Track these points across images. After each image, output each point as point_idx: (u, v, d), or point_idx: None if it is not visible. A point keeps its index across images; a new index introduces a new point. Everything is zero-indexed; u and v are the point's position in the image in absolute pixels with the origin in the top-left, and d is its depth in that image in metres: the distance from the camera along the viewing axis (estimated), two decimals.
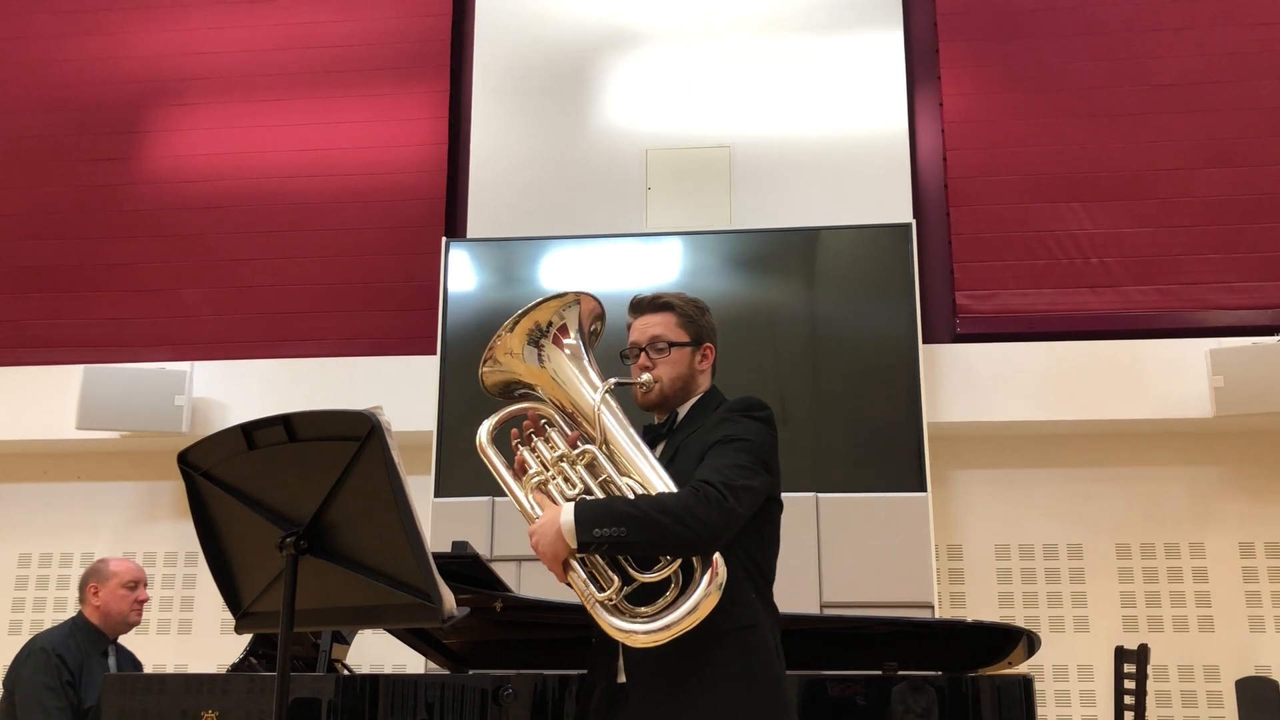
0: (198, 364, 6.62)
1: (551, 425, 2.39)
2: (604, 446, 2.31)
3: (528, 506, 2.30)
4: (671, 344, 2.51)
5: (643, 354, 2.52)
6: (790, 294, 5.98)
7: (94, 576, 4.25)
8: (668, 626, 2.12)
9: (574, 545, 2.14)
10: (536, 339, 2.42)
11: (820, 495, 5.62)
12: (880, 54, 6.62)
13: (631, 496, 2.23)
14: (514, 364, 2.42)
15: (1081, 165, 6.46)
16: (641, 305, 2.58)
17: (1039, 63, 6.62)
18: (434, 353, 6.15)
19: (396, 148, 6.94)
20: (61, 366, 6.67)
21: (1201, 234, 6.32)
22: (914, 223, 6.10)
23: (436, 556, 2.02)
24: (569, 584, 2.21)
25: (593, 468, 2.31)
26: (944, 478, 6.36)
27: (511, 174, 6.69)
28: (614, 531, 2.12)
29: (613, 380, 2.38)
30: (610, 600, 2.16)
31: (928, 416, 5.79)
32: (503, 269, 6.19)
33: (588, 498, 2.26)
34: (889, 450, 5.71)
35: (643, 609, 2.17)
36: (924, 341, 5.91)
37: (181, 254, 6.95)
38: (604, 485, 2.28)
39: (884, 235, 6.03)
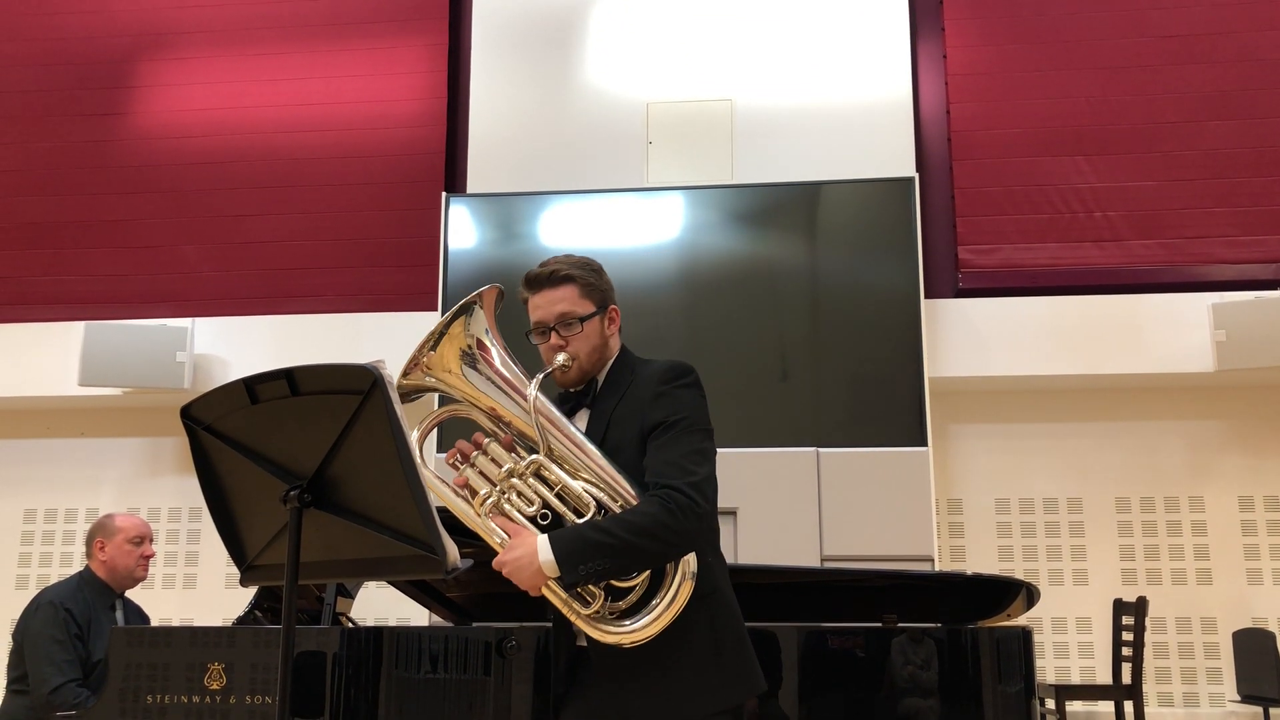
0: (199, 320, 6.61)
1: (487, 435, 2.34)
2: (546, 449, 2.27)
3: (486, 534, 2.25)
4: (581, 318, 2.41)
5: (552, 332, 2.41)
6: (792, 249, 5.97)
7: (100, 531, 4.27)
8: (650, 624, 2.15)
9: (556, 578, 2.14)
10: (471, 361, 2.35)
11: (821, 450, 5.64)
12: (884, 6, 6.55)
13: (591, 504, 2.21)
14: (450, 379, 2.35)
15: (1085, 118, 6.42)
16: (539, 280, 2.44)
17: (1043, 15, 6.56)
18: (435, 308, 6.14)
19: (395, 102, 6.89)
20: (63, 323, 6.68)
21: (1204, 188, 6.29)
22: (916, 177, 6.07)
23: (440, 510, 2.03)
24: (544, 597, 2.21)
25: (542, 476, 2.27)
26: (945, 432, 6.37)
27: (512, 128, 6.65)
28: (598, 566, 2.12)
29: (538, 375, 2.31)
30: (596, 614, 2.18)
31: (929, 371, 5.79)
32: (503, 224, 6.17)
33: (553, 518, 2.23)
34: (890, 405, 5.72)
35: (620, 605, 2.19)
36: (926, 296, 5.90)
37: (181, 210, 6.93)
38: (560, 495, 2.25)
39: (886, 190, 6.00)
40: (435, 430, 2.42)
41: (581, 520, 2.21)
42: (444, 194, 6.28)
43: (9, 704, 3.99)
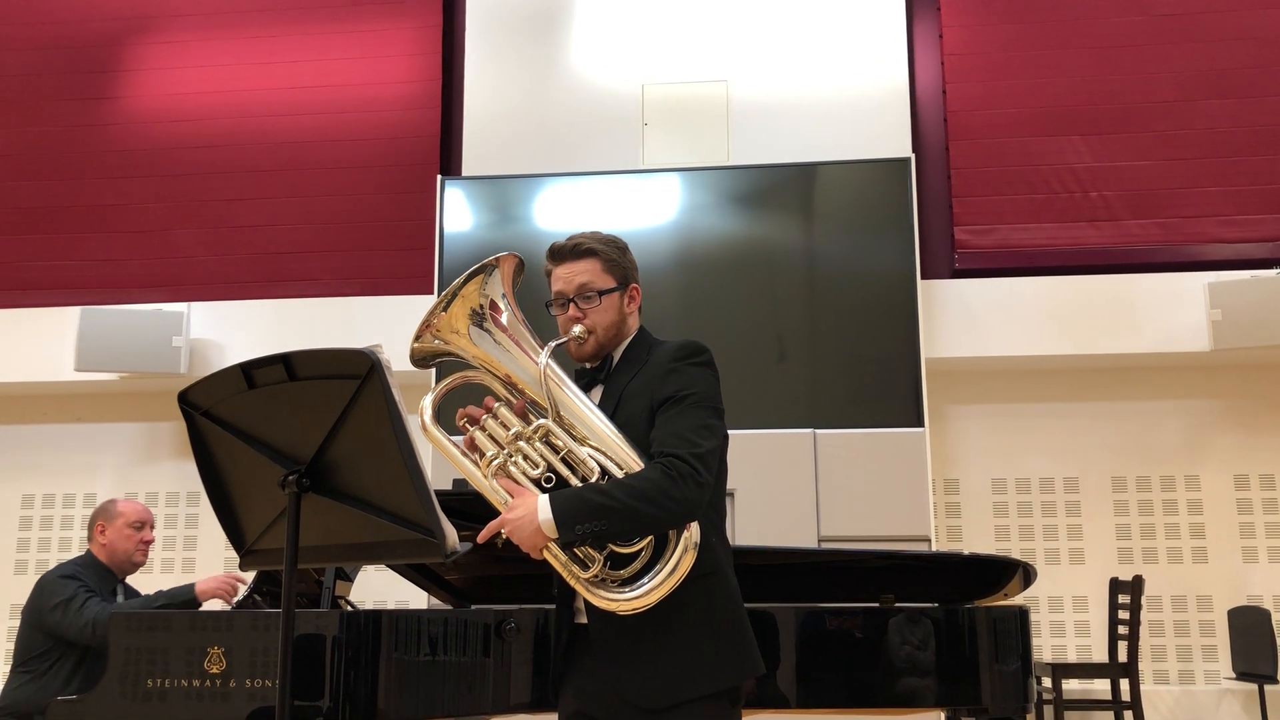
0: (194, 305, 6.61)
1: (498, 399, 2.35)
2: (555, 415, 2.28)
3: (491, 492, 2.27)
4: (601, 292, 2.43)
5: (571, 304, 2.44)
6: (788, 230, 5.96)
7: (101, 515, 4.30)
8: (650, 591, 2.15)
9: (555, 539, 2.15)
10: (479, 320, 2.36)
11: (818, 431, 5.65)
12: None
13: (596, 469, 2.22)
14: (459, 341, 2.36)
15: (1081, 98, 6.40)
16: (563, 253, 2.47)
17: None
18: (431, 292, 6.14)
19: (390, 84, 6.87)
20: (58, 309, 6.66)
21: (1201, 167, 6.29)
22: (913, 157, 6.06)
23: (438, 493, 2.03)
24: (544, 560, 2.21)
25: (550, 441, 2.28)
26: (941, 413, 6.38)
27: (506, 110, 6.62)
28: (595, 526, 2.13)
29: (552, 343, 2.32)
30: (595, 577, 2.18)
31: (925, 352, 5.79)
32: (499, 207, 6.16)
33: (557, 481, 2.23)
34: (887, 386, 5.73)
35: (622, 573, 2.18)
36: (922, 277, 5.90)
37: (175, 194, 6.91)
38: (566, 459, 2.25)
39: (882, 170, 5.99)
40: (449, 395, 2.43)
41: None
42: (439, 177, 6.26)
43: (14, 688, 4.01)
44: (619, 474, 2.22)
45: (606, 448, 2.25)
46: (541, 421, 2.29)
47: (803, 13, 6.55)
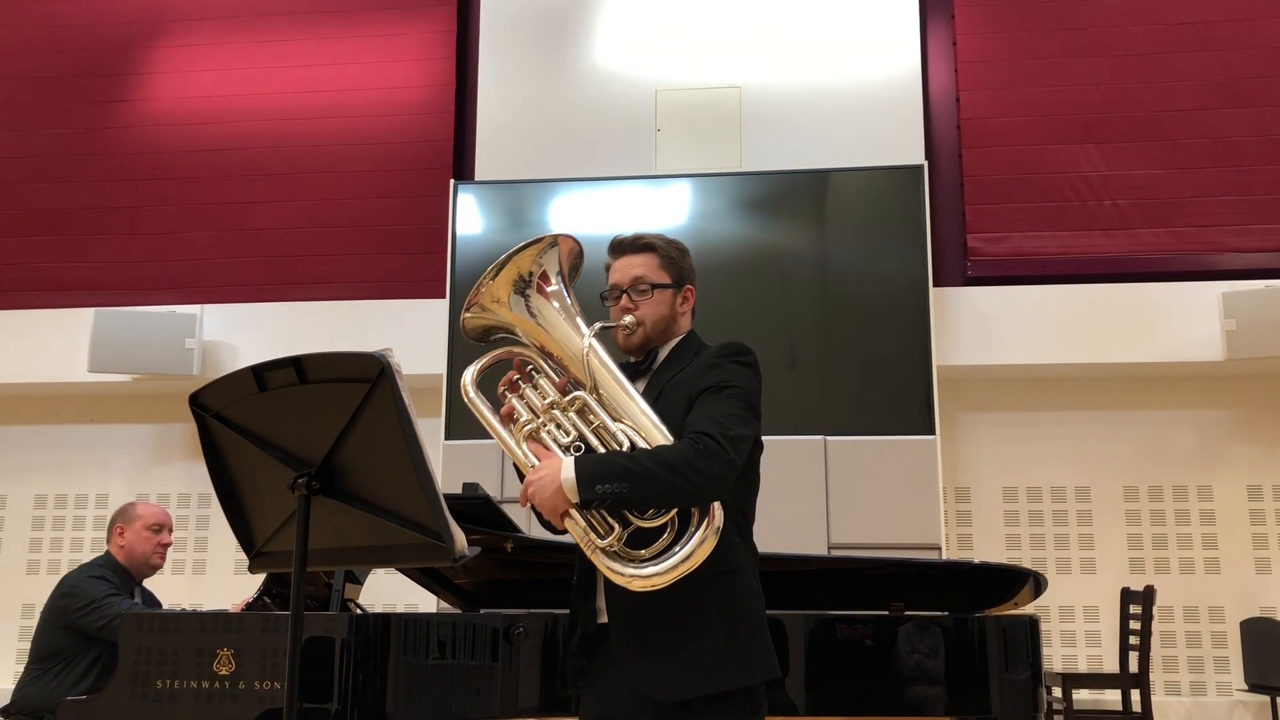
0: (208, 307, 6.63)
1: (539, 371, 2.37)
2: (594, 391, 2.29)
3: (520, 455, 2.29)
4: (654, 285, 2.47)
5: (624, 295, 2.47)
6: (800, 237, 5.96)
7: (121, 517, 4.34)
8: (667, 570, 2.13)
9: (575, 500, 2.14)
10: (522, 288, 2.38)
11: (829, 438, 5.64)
12: None
13: (625, 443, 2.22)
14: (500, 311, 2.38)
15: (1095, 106, 6.39)
16: (622, 246, 2.52)
17: (1053, 1, 6.53)
18: (443, 296, 6.15)
19: (403, 89, 6.88)
20: (72, 310, 6.70)
21: (1214, 175, 6.26)
22: (926, 165, 6.05)
23: (448, 497, 2.03)
24: (565, 529, 2.22)
25: (584, 413, 2.29)
26: (952, 421, 6.37)
27: (519, 115, 6.64)
28: (616, 488, 2.12)
29: (598, 324, 2.35)
30: (610, 547, 2.17)
31: (937, 359, 5.78)
32: (511, 212, 6.17)
33: (585, 450, 2.24)
34: (898, 393, 5.72)
35: (641, 552, 2.17)
36: (934, 284, 5.89)
37: (189, 197, 6.93)
38: (597, 431, 2.26)
39: (895, 177, 5.98)
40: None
41: None
42: (452, 181, 6.28)
43: (26, 684, 4.03)
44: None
45: (639, 426, 2.25)
46: (578, 393, 2.30)
47: (816, 19, 6.54)
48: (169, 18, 7.17)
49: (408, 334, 6.25)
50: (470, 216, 6.18)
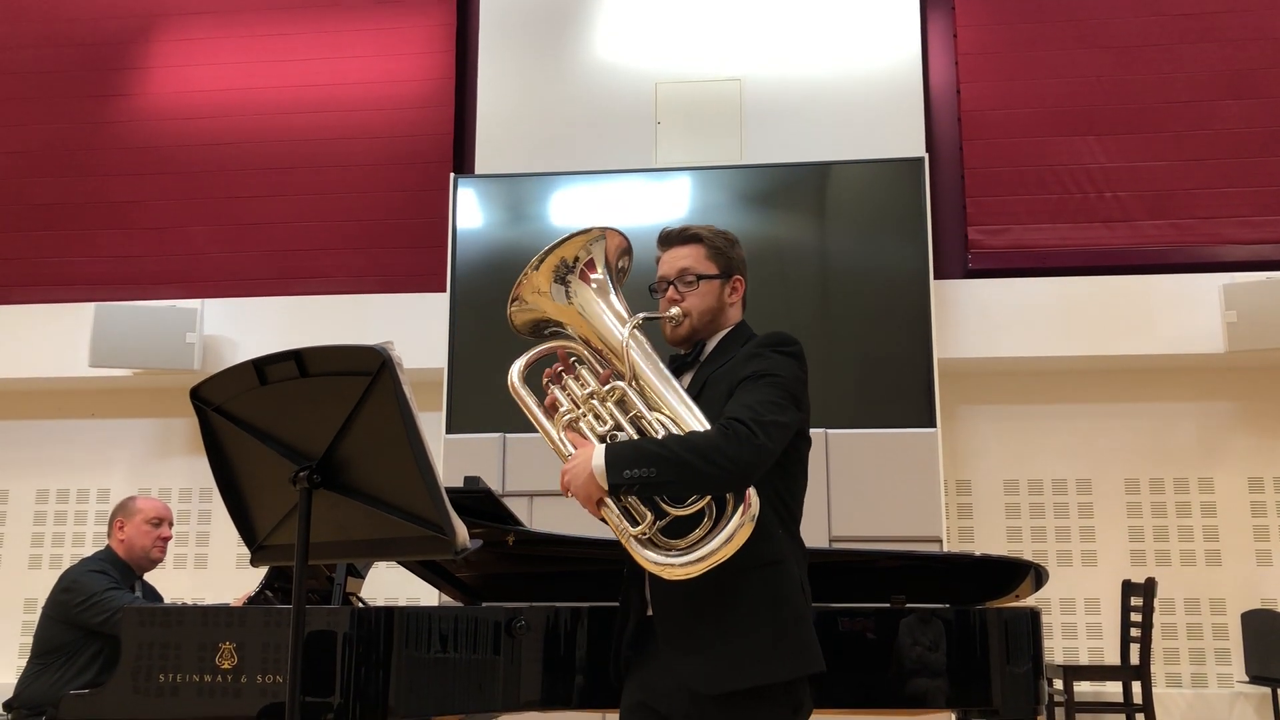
0: (208, 301, 6.63)
1: (582, 363, 2.37)
2: (634, 382, 2.29)
3: (560, 444, 2.29)
4: (700, 276, 2.47)
5: (671, 287, 2.48)
6: (801, 229, 5.95)
7: (121, 512, 4.34)
8: (702, 559, 2.11)
9: (605, 486, 2.13)
10: (563, 276, 2.38)
11: (830, 431, 5.64)
12: None
13: (661, 434, 2.21)
14: (542, 302, 2.38)
15: (1096, 98, 6.38)
16: (670, 238, 2.53)
17: None
18: (444, 290, 6.14)
19: (403, 83, 6.88)
20: (73, 304, 6.69)
21: (1216, 168, 6.26)
22: (926, 157, 6.04)
23: (449, 491, 2.03)
24: (603, 519, 2.21)
25: (623, 404, 2.29)
26: (954, 413, 6.37)
27: (520, 109, 6.63)
28: (644, 472, 2.11)
29: (640, 315, 2.34)
30: (644, 535, 2.15)
31: (938, 352, 5.78)
32: (512, 206, 6.17)
33: (619, 436, 2.25)
34: (899, 386, 5.71)
35: (677, 542, 2.15)
36: (935, 277, 5.88)
37: (190, 191, 6.93)
38: (634, 421, 2.26)
39: (896, 170, 5.97)
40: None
41: None
42: (452, 175, 6.27)
43: (29, 678, 4.04)
44: None
45: (677, 416, 2.25)
46: (617, 384, 2.31)
47: (816, 12, 6.53)
48: (168, 12, 7.16)
49: (408, 327, 6.24)
50: (470, 210, 6.17)
